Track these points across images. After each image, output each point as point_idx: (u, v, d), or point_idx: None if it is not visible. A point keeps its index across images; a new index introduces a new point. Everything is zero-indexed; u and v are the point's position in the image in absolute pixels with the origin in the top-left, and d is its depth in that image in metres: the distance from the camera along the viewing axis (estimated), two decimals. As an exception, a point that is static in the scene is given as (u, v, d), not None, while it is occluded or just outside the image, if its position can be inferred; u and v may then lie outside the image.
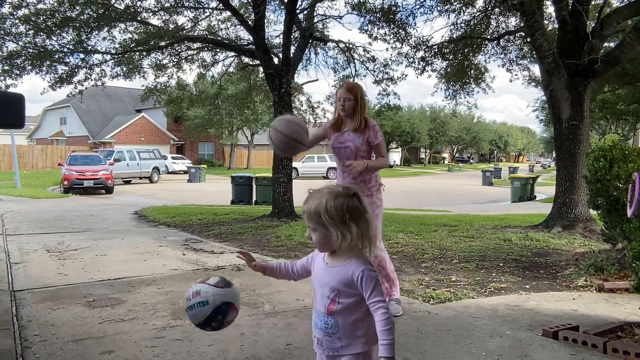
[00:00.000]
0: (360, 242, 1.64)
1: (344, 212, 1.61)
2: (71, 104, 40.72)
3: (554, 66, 7.46)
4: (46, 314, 3.61)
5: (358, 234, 1.62)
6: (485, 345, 3.05)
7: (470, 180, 32.93)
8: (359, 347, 1.67)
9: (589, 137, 7.98)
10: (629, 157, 3.86)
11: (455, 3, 10.25)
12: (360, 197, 1.66)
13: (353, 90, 3.69)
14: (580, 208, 7.41)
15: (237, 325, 3.38)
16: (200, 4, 10.75)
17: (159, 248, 6.42)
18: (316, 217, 1.64)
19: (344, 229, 1.61)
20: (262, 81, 13.37)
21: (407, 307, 3.83)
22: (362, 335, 1.67)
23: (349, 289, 1.65)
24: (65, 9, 8.93)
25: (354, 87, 3.74)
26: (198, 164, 37.31)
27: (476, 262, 5.54)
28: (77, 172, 19.73)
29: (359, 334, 1.67)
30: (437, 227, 8.11)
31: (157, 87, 12.71)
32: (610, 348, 2.91)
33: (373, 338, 1.66)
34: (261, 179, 15.33)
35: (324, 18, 11.70)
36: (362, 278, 1.63)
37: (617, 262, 4.81)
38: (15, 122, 2.51)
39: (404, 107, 54.81)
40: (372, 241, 1.68)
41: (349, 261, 1.66)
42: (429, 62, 11.30)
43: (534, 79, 13.88)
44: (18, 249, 6.26)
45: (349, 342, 1.68)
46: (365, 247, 1.66)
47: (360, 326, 1.67)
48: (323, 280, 1.72)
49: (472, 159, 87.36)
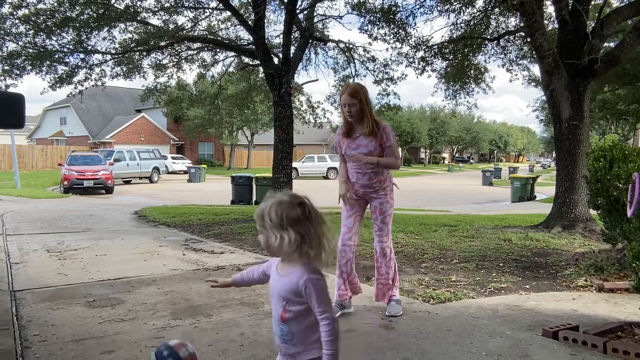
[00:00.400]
0: (304, 249, 1.66)
1: (283, 219, 1.64)
2: (71, 104, 40.72)
3: (554, 66, 7.46)
4: (46, 314, 3.61)
5: (297, 240, 1.64)
6: (485, 345, 3.05)
7: (470, 180, 32.93)
8: (315, 352, 1.68)
9: (589, 137, 7.98)
10: (629, 157, 3.85)
11: (455, 3, 10.25)
12: (306, 206, 1.69)
13: (356, 94, 3.56)
14: (580, 208, 7.41)
15: (237, 325, 3.38)
16: (200, 4, 10.75)
17: (159, 248, 6.42)
18: (260, 219, 1.69)
19: (282, 233, 1.64)
20: (262, 81, 13.37)
21: (407, 307, 3.83)
22: (317, 340, 1.68)
23: (297, 297, 1.67)
24: (65, 9, 8.93)
25: (356, 90, 3.60)
26: (198, 164, 37.31)
27: (476, 262, 5.54)
28: (77, 172, 19.72)
29: (314, 339, 1.68)
30: (437, 227, 8.11)
31: (157, 87, 12.71)
32: (610, 348, 2.91)
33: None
34: (261, 179, 15.34)
35: (324, 18, 11.71)
36: (305, 287, 1.65)
37: (617, 262, 4.81)
38: (15, 122, 2.51)
39: (404, 107, 54.85)
40: (325, 249, 1.70)
41: (295, 270, 1.68)
42: (429, 62, 11.30)
43: (534, 79, 13.89)
44: (18, 249, 6.26)
45: (304, 347, 1.70)
46: (315, 256, 1.68)
47: (315, 331, 1.68)
48: (275, 288, 1.75)
49: (472, 159, 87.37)
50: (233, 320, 3.50)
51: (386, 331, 3.29)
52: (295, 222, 1.65)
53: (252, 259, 5.71)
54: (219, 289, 4.29)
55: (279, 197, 1.70)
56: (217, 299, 4.02)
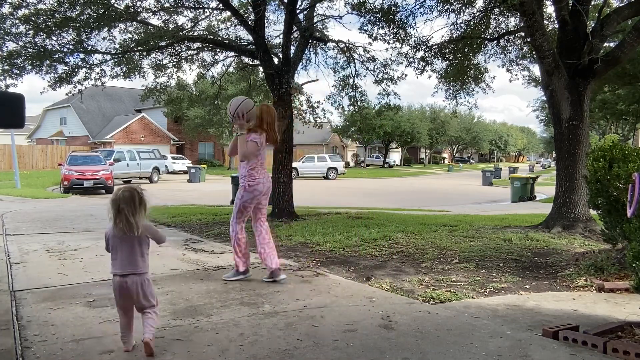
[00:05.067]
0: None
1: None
2: (71, 104, 40.74)
3: (554, 66, 7.46)
4: (46, 314, 3.61)
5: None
6: (485, 345, 3.05)
7: (470, 180, 32.94)
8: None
9: (589, 137, 7.98)
10: (629, 157, 3.85)
11: (455, 3, 10.24)
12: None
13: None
14: (580, 208, 7.41)
15: (237, 325, 3.39)
16: (200, 4, 10.75)
17: (159, 248, 6.39)
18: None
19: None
20: (262, 81, 13.37)
21: (407, 307, 3.83)
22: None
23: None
24: (65, 9, 8.93)
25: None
26: (198, 164, 37.32)
27: (476, 262, 5.54)
28: (77, 172, 19.71)
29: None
30: (437, 227, 8.11)
31: (157, 87, 12.70)
32: (610, 348, 2.91)
33: None
34: (261, 179, 15.29)
35: (323, 18, 11.71)
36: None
37: (617, 262, 4.82)
38: (15, 122, 2.51)
39: (404, 107, 54.83)
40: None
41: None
42: (429, 62, 11.29)
43: (534, 79, 13.89)
44: (18, 249, 6.26)
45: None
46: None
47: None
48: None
49: (472, 159, 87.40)
50: (233, 320, 3.50)
51: (386, 331, 3.29)
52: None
53: (252, 259, 5.70)
54: (219, 289, 4.31)
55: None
56: (217, 299, 4.03)
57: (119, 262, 2.99)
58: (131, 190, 2.99)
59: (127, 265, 2.97)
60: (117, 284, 2.96)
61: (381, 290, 4.44)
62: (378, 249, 6.29)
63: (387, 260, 5.77)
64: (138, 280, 2.97)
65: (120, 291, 2.95)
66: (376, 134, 51.15)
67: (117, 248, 3.00)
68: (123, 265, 2.97)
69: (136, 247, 3.01)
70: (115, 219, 2.95)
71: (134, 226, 2.93)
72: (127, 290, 2.94)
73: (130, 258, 2.98)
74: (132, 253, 2.99)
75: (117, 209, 2.94)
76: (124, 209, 2.92)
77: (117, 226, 2.95)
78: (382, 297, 4.14)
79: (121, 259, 2.98)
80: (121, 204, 2.93)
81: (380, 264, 5.57)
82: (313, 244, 6.64)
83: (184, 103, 15.75)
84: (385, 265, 5.53)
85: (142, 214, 2.99)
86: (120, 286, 2.95)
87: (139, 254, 3.01)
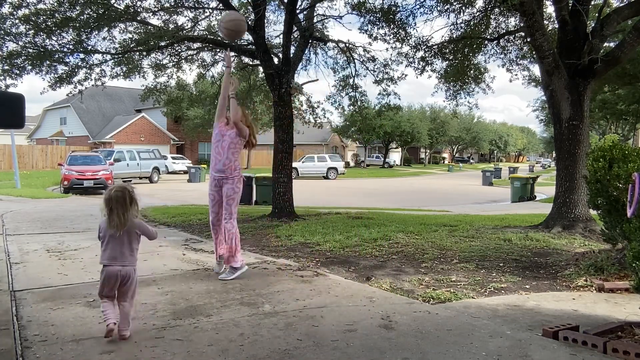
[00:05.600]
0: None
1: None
2: (71, 104, 40.72)
3: (554, 66, 7.46)
4: (46, 314, 3.61)
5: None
6: (485, 345, 3.05)
7: (470, 180, 32.93)
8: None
9: (589, 137, 7.98)
10: (629, 157, 3.85)
11: (455, 3, 10.24)
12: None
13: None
14: (580, 208, 7.41)
15: (237, 325, 3.39)
16: (200, 4, 10.75)
17: (159, 248, 6.42)
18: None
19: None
20: (262, 81, 13.37)
21: (407, 307, 3.83)
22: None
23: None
24: (65, 9, 8.93)
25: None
26: (198, 164, 37.30)
27: (476, 262, 5.54)
28: (77, 172, 19.70)
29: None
30: (437, 227, 8.11)
31: (157, 87, 12.71)
32: (610, 348, 2.91)
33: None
34: (261, 179, 15.33)
35: (323, 18, 11.71)
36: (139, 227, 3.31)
37: (617, 262, 4.82)
38: (15, 122, 2.51)
39: (404, 107, 54.83)
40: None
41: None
42: (429, 62, 11.30)
43: (534, 79, 13.88)
44: (18, 249, 6.26)
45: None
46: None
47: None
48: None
49: (472, 159, 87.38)
50: (233, 320, 3.50)
51: (386, 331, 3.29)
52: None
53: (252, 259, 5.72)
54: (219, 289, 4.31)
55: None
56: (217, 299, 4.03)
57: (108, 254, 3.18)
58: (122, 190, 3.18)
59: (115, 258, 3.17)
60: (105, 271, 3.15)
61: (381, 290, 4.44)
62: (378, 249, 6.29)
63: (387, 260, 5.77)
64: (124, 272, 3.16)
65: (108, 278, 3.13)
66: (376, 134, 51.15)
67: (107, 240, 3.19)
68: (111, 257, 3.16)
69: (125, 242, 3.20)
70: (109, 217, 3.14)
71: (125, 223, 3.13)
72: (114, 278, 3.13)
73: (119, 251, 3.18)
74: (121, 247, 3.18)
75: (109, 207, 3.13)
76: (116, 208, 3.12)
77: (110, 224, 3.14)
78: (382, 297, 4.14)
79: (111, 251, 3.17)
80: (113, 203, 3.12)
81: (380, 264, 5.57)
82: (313, 244, 6.64)
83: (184, 103, 15.75)
84: (385, 265, 5.53)
85: (132, 212, 3.18)
86: (108, 273, 3.13)
87: (127, 248, 3.20)
